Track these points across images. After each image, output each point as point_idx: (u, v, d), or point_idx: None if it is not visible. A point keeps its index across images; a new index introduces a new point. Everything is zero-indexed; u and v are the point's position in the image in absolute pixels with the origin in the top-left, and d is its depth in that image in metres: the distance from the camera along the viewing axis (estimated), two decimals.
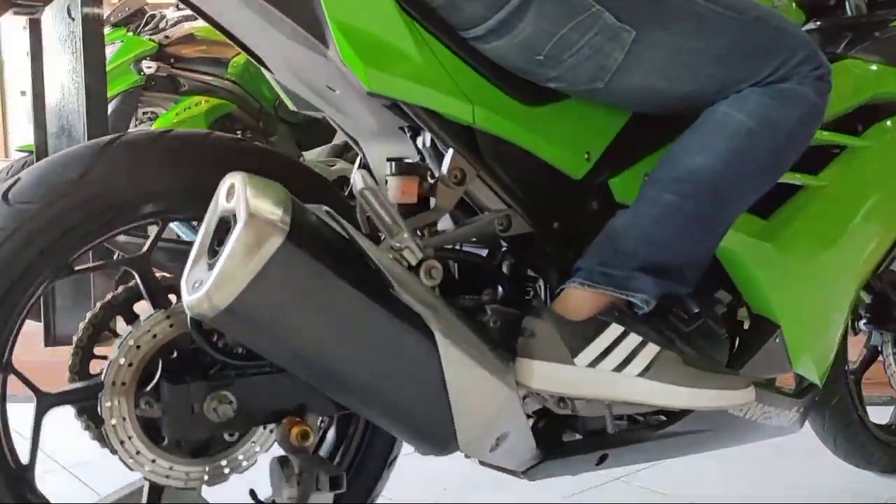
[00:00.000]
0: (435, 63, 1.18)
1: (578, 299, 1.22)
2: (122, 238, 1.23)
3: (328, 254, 1.07)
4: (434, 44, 1.18)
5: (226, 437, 1.20)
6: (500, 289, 1.28)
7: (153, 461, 1.15)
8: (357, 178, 1.12)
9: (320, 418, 1.27)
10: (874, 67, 1.49)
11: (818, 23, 1.54)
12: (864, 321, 1.85)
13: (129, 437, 1.14)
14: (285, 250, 1.01)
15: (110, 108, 3.10)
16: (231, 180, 1.06)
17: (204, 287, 1.01)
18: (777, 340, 1.46)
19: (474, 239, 1.28)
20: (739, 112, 1.25)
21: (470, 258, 1.29)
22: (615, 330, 1.20)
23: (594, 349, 1.19)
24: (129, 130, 3.26)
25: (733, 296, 1.45)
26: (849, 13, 1.62)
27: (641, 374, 1.20)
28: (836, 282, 1.52)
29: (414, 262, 1.14)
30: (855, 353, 1.91)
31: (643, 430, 1.38)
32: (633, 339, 1.20)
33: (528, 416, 1.26)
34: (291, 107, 1.41)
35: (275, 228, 1.01)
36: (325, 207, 1.13)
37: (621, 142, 1.34)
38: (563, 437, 1.34)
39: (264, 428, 1.21)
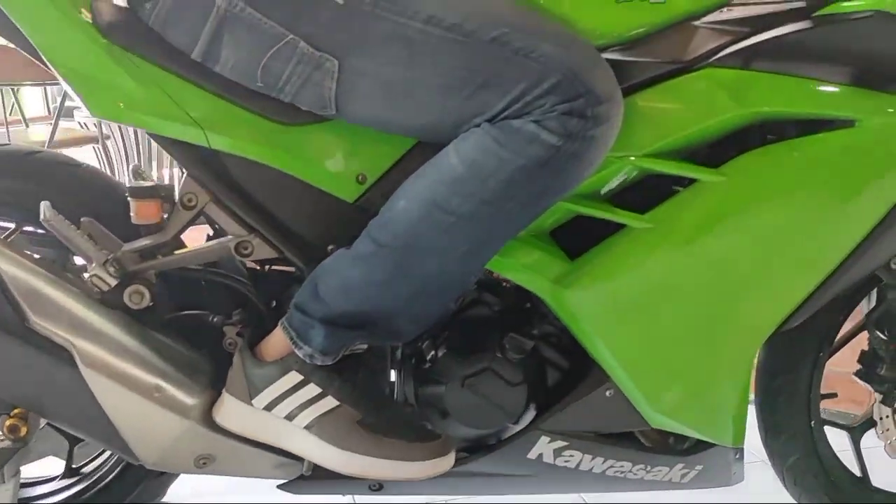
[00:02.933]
0: (153, 88, 1.18)
1: (277, 336, 1.18)
2: None
3: None
4: (151, 69, 1.18)
5: None
6: (248, 312, 1.28)
7: None
8: (42, 209, 1.19)
9: None
10: (748, 78, 1.16)
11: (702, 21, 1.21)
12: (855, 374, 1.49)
13: None
14: None
15: None
16: None
17: None
18: (609, 393, 1.27)
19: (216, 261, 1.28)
20: (455, 154, 1.09)
21: (219, 280, 1.29)
22: (295, 376, 1.15)
23: (272, 392, 1.15)
24: None
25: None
26: None
27: (308, 427, 1.14)
28: (702, 337, 1.26)
29: (108, 287, 1.19)
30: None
31: None
32: (312, 389, 1.14)
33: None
34: None
35: None
36: None
37: (405, 165, 1.23)
38: None
39: None
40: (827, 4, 1.17)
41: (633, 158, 1.18)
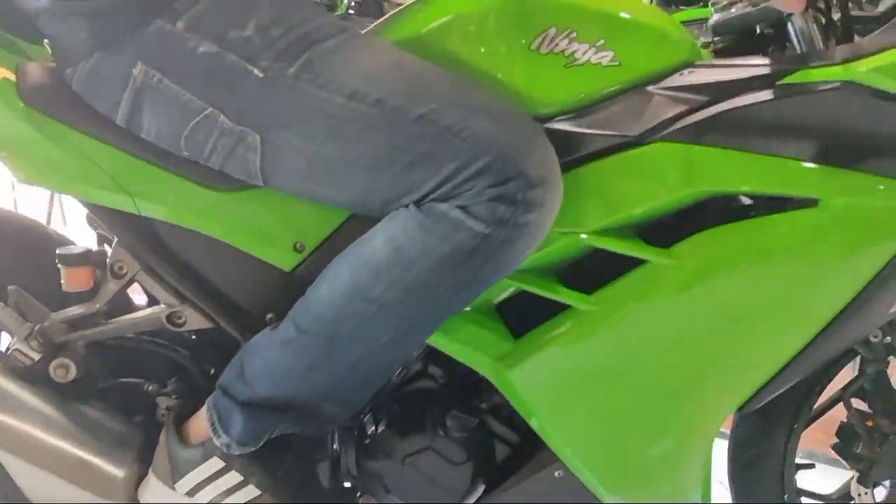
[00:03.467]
0: (78, 154, 1.14)
1: (202, 417, 1.13)
2: None
3: None
4: (75, 135, 1.14)
5: None
6: (183, 381, 1.23)
7: None
8: None
9: None
10: (701, 154, 1.07)
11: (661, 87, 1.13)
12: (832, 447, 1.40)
13: None
14: None
15: None
16: None
17: None
18: (559, 474, 1.21)
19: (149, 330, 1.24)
20: (380, 236, 1.03)
21: (153, 348, 1.24)
22: (217, 462, 1.10)
23: (195, 477, 1.11)
24: None
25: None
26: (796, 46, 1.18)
27: None
28: (655, 418, 1.18)
29: (31, 362, 1.15)
30: None
31: None
32: (234, 477, 1.10)
33: None
34: None
35: None
36: None
37: (344, 233, 1.17)
38: None
39: None
40: (793, 72, 1.09)
41: (581, 235, 1.11)
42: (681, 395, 1.17)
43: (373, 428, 1.23)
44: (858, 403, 1.37)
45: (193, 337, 1.26)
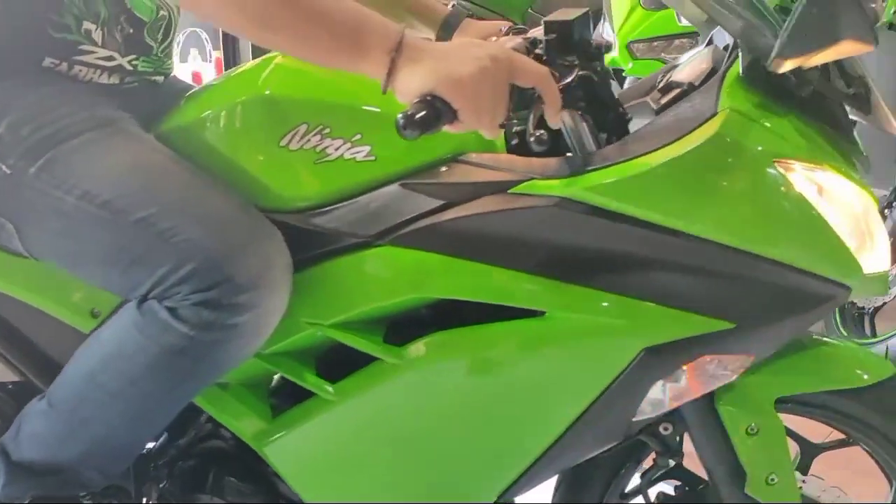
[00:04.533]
0: None
1: None
2: None
3: None
4: None
5: None
6: None
7: None
8: None
9: None
10: (426, 261, 1.08)
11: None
12: None
13: None
14: None
15: None
16: None
17: None
18: None
19: None
20: (111, 328, 1.12)
21: None
22: None
23: None
24: None
25: None
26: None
27: None
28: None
29: None
30: None
31: None
32: None
33: None
34: None
35: None
36: None
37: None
38: None
39: None
40: (524, 181, 1.07)
41: (324, 326, 1.14)
42: (420, 486, 1.19)
43: (162, 484, 1.31)
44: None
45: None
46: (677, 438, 1.28)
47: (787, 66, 0.99)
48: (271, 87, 1.15)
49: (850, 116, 1.14)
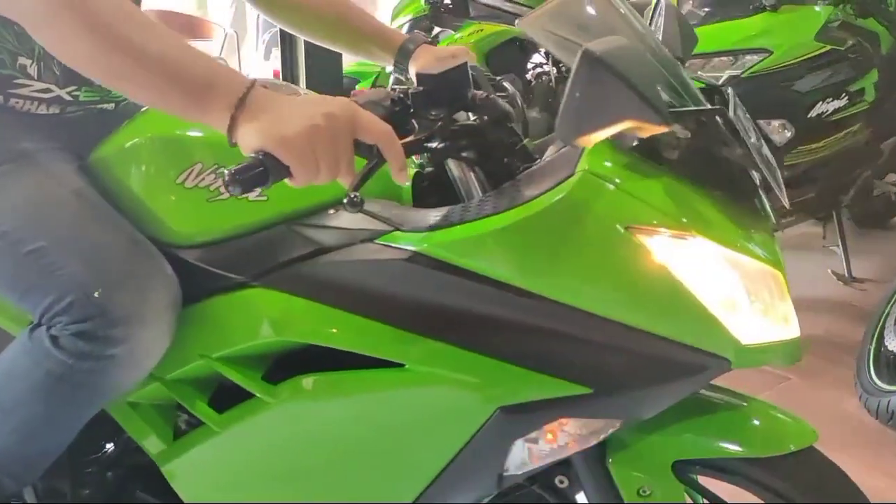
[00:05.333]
0: None
1: None
2: None
3: None
4: None
5: None
6: None
7: None
8: None
9: None
10: (291, 305, 1.09)
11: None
12: None
13: None
14: None
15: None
16: None
17: None
18: None
19: None
20: (9, 349, 1.18)
21: None
22: None
23: None
24: None
25: None
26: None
27: None
28: None
29: None
30: None
31: None
32: None
33: None
34: None
35: None
36: None
37: None
38: None
39: None
40: (388, 232, 1.08)
41: (212, 359, 1.18)
42: None
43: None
44: None
45: None
46: (576, 492, 1.25)
47: (574, 140, 0.97)
48: (176, 125, 1.19)
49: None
